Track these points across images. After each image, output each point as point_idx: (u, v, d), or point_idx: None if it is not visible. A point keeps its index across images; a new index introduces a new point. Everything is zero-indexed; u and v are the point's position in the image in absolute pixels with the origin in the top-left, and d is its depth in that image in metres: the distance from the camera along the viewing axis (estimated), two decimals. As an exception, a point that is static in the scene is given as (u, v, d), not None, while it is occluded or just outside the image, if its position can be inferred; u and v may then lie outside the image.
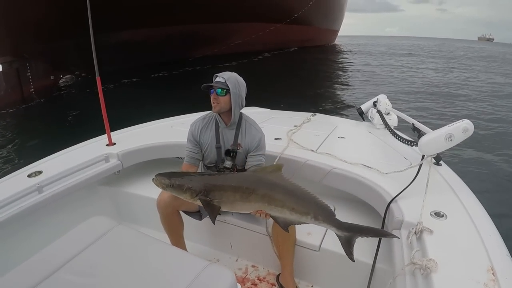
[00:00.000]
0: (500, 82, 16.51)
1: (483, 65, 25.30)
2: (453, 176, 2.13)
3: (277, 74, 15.79)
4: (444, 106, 10.65)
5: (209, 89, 1.91)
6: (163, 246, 1.44)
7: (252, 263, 2.22)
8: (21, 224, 1.93)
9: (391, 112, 3.22)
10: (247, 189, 1.55)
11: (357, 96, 11.61)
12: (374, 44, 49.71)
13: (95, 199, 2.46)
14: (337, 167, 2.16)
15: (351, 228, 1.51)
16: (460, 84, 15.18)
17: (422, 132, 2.28)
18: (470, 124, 1.91)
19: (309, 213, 1.51)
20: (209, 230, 2.28)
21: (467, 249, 1.41)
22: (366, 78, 16.26)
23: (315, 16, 27.96)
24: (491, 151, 6.70)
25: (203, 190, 1.53)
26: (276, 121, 3.26)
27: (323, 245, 1.97)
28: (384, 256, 1.73)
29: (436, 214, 1.65)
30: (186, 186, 1.54)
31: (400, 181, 1.90)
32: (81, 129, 4.66)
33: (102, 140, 2.65)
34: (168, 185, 1.55)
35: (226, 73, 1.91)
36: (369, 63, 23.25)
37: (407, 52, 32.79)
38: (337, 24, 38.03)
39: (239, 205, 1.58)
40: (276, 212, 1.53)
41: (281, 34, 24.37)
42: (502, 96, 12.55)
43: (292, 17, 24.27)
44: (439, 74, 18.51)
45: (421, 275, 1.28)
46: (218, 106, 1.90)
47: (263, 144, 2.01)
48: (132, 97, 9.25)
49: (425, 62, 25.35)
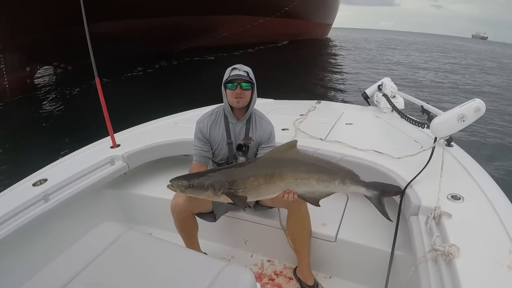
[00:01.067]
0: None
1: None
2: (465, 157, 2.09)
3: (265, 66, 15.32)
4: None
5: (227, 83, 1.82)
6: (177, 249, 1.41)
7: (268, 258, 2.20)
8: (29, 235, 1.89)
9: (397, 95, 3.17)
10: (269, 171, 1.53)
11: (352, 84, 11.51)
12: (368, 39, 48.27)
13: (103, 203, 2.43)
14: (348, 154, 2.12)
15: (378, 187, 1.59)
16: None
17: (432, 113, 2.23)
18: (482, 103, 1.87)
19: (335, 178, 1.54)
20: (222, 227, 2.25)
21: (487, 232, 1.39)
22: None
23: (307, 10, 27.12)
24: (499, 127, 6.67)
25: (225, 183, 1.49)
26: (281, 111, 3.21)
27: (339, 236, 1.95)
28: (402, 243, 1.71)
29: (453, 197, 1.62)
30: (207, 183, 1.48)
31: (413, 165, 1.87)
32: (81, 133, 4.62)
33: (106, 142, 2.60)
34: (187, 187, 1.48)
35: (244, 66, 1.85)
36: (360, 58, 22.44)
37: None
38: (330, 17, 36.68)
39: (264, 189, 1.54)
40: (303, 186, 1.53)
41: (270, 28, 23.50)
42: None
43: (282, 10, 23.42)
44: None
45: (444, 261, 1.26)
46: (242, 101, 1.83)
47: (274, 136, 1.98)
48: (123, 94, 8.98)
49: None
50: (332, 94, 10.12)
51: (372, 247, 1.86)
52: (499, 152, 5.69)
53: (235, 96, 1.82)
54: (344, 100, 9.06)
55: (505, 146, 6.14)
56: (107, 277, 1.24)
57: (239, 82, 1.79)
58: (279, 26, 24.41)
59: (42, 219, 1.90)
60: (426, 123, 2.25)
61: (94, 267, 1.27)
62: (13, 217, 1.78)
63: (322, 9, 30.95)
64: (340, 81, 12.64)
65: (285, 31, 26.52)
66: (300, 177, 1.53)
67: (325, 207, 2.09)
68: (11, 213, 1.78)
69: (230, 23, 19.73)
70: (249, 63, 1.94)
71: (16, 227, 1.76)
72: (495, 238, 1.34)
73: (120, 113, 3.94)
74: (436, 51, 35.11)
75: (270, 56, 20.81)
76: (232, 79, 1.80)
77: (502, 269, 1.18)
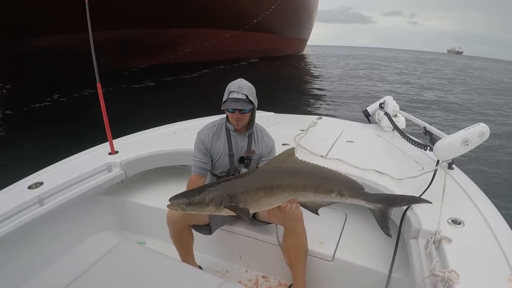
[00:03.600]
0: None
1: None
2: (466, 181, 2.09)
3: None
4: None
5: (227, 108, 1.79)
6: (172, 263, 1.38)
7: (263, 274, 2.16)
8: (22, 238, 1.86)
9: (398, 114, 3.17)
10: (268, 183, 1.51)
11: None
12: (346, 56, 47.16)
13: (98, 210, 2.40)
14: (348, 173, 2.09)
15: (383, 199, 1.52)
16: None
17: (434, 135, 2.22)
18: (486, 127, 1.87)
19: (333, 191, 1.50)
20: (218, 240, 2.22)
21: (487, 258, 1.38)
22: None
23: (279, 24, 25.08)
24: (500, 151, 6.69)
25: (226, 196, 1.47)
26: (282, 126, 3.21)
27: (336, 255, 1.92)
28: (400, 265, 1.69)
29: (453, 221, 1.61)
30: (208, 198, 1.45)
31: (414, 187, 1.86)
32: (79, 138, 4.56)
33: (104, 148, 2.58)
34: (188, 204, 1.44)
35: (243, 86, 1.78)
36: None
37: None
38: (305, 32, 34.81)
39: (265, 202, 1.52)
40: (302, 197, 1.52)
41: (239, 43, 21.34)
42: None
43: (251, 23, 21.19)
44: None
45: (443, 287, 1.24)
46: (241, 123, 1.83)
47: (275, 150, 1.98)
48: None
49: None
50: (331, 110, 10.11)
51: (369, 268, 1.83)
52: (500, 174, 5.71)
53: (234, 119, 1.81)
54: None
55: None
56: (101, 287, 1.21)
57: (236, 108, 1.76)
58: (249, 41, 22.39)
59: (36, 223, 1.87)
60: (429, 145, 2.24)
61: (87, 277, 1.25)
62: (7, 219, 1.75)
63: (295, 23, 29.11)
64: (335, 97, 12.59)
65: (256, 47, 24.41)
66: (298, 189, 1.51)
67: (323, 225, 2.07)
68: (4, 215, 1.75)
69: (191, 38, 17.66)
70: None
71: (9, 230, 1.73)
72: (494, 265, 1.33)
73: (119, 119, 3.93)
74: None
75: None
76: (228, 106, 1.76)
77: None
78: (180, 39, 17.06)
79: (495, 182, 5.32)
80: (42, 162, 2.39)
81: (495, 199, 2.07)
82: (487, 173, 5.60)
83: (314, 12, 34.65)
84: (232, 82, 1.82)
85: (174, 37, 16.33)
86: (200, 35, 17.99)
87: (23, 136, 6.36)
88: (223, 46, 20.20)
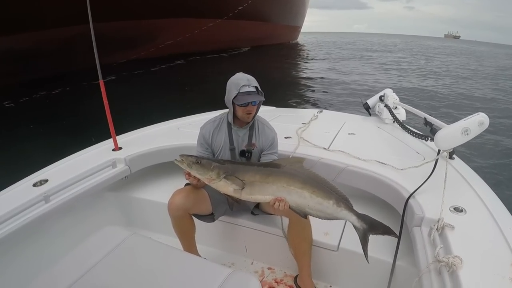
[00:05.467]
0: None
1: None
2: (467, 170, 2.12)
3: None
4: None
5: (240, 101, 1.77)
6: (181, 255, 1.40)
7: (268, 266, 2.18)
8: (28, 236, 1.88)
9: (398, 106, 3.20)
10: (267, 171, 1.55)
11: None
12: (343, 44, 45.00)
13: (104, 206, 2.41)
14: (351, 164, 2.12)
15: (368, 220, 1.53)
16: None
17: (434, 126, 2.25)
18: (486, 117, 1.90)
19: (331, 198, 1.51)
20: (222, 233, 2.24)
21: (489, 244, 1.41)
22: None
23: (268, 10, 23.98)
24: (500, 140, 6.72)
25: (229, 170, 1.53)
26: (283, 119, 3.22)
27: (341, 245, 1.94)
28: (404, 253, 1.72)
29: (455, 209, 1.64)
30: (214, 165, 1.53)
31: (416, 177, 1.89)
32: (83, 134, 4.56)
33: (108, 145, 2.59)
34: (195, 162, 1.53)
35: (250, 79, 1.80)
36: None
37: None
38: (297, 19, 33.12)
39: (258, 187, 1.54)
40: (295, 195, 1.51)
41: (225, 32, 20.27)
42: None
43: (235, 10, 19.97)
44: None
45: (448, 272, 1.27)
46: (251, 115, 1.85)
47: (276, 143, 1.99)
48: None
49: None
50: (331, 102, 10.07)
51: (374, 257, 1.85)
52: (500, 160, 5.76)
53: (246, 112, 1.82)
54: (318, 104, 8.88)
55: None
56: (110, 281, 1.23)
57: (253, 101, 1.77)
58: (236, 30, 21.27)
59: (42, 220, 1.88)
60: (430, 136, 2.26)
61: (96, 271, 1.26)
62: (12, 217, 1.76)
63: (285, 10, 27.73)
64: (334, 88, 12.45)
65: (245, 36, 23.32)
66: (294, 185, 1.51)
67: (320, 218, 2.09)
68: (10, 213, 1.76)
69: (172, 28, 16.60)
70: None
71: (15, 227, 1.74)
72: (496, 250, 1.37)
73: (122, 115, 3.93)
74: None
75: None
76: (244, 100, 1.75)
77: (504, 280, 1.20)
78: (159, 31, 16.02)
79: (496, 171, 5.35)
80: (46, 159, 2.40)
81: (496, 187, 2.11)
82: (489, 163, 5.64)
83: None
84: (236, 77, 1.82)
85: (152, 28, 15.21)
86: (180, 26, 17.00)
87: (26, 134, 6.36)
88: (208, 36, 19.17)
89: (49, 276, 1.25)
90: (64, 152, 2.51)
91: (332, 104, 9.81)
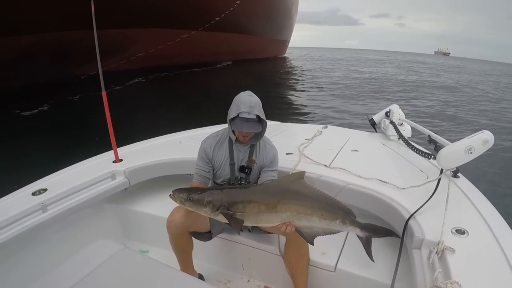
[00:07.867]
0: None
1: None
2: (472, 189, 2.06)
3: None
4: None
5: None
6: (172, 272, 1.36)
7: (265, 284, 2.13)
8: (25, 244, 1.88)
9: (404, 123, 3.14)
10: (273, 199, 1.52)
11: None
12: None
13: (102, 217, 2.41)
14: (351, 182, 2.08)
15: (370, 227, 1.64)
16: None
17: (438, 144, 2.20)
18: (490, 135, 1.83)
19: (337, 218, 1.56)
20: (219, 249, 2.21)
21: (491, 269, 1.35)
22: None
23: (249, 22, 22.35)
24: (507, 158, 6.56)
25: (225, 203, 1.49)
26: (286, 135, 3.20)
27: (339, 265, 1.89)
28: (402, 276, 1.65)
29: (457, 231, 1.58)
30: (207, 199, 1.50)
31: (418, 196, 1.83)
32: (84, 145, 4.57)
33: (108, 156, 2.60)
34: (187, 199, 1.50)
35: (253, 105, 1.74)
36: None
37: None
38: (284, 33, 31.74)
39: (264, 217, 1.53)
40: (305, 221, 1.54)
41: (202, 44, 18.89)
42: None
43: (212, 21, 18.63)
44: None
45: None
46: (248, 138, 1.84)
47: (277, 160, 1.97)
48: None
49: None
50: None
51: (371, 279, 1.80)
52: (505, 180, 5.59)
53: (242, 135, 1.82)
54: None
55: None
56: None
57: (247, 131, 1.75)
58: (215, 42, 19.88)
59: (39, 229, 1.88)
60: (433, 154, 2.21)
61: (84, 285, 1.23)
62: (9, 225, 1.77)
63: (270, 23, 26.18)
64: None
65: (225, 49, 21.87)
66: (304, 211, 1.53)
67: (325, 235, 2.04)
68: (7, 221, 1.77)
69: (140, 40, 15.36)
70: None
71: (11, 235, 1.74)
72: (499, 276, 1.30)
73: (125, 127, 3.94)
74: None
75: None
76: (239, 128, 1.74)
77: None
78: (129, 42, 14.86)
79: (503, 190, 5.20)
80: (46, 169, 2.41)
81: (502, 207, 2.02)
82: (495, 182, 5.49)
83: (293, 10, 31.83)
84: (242, 98, 1.78)
85: (119, 39, 13.54)
86: (151, 37, 15.85)
87: (27, 143, 6.39)
88: (183, 48, 17.97)
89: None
90: (65, 161, 2.53)
91: (337, 118, 9.76)
